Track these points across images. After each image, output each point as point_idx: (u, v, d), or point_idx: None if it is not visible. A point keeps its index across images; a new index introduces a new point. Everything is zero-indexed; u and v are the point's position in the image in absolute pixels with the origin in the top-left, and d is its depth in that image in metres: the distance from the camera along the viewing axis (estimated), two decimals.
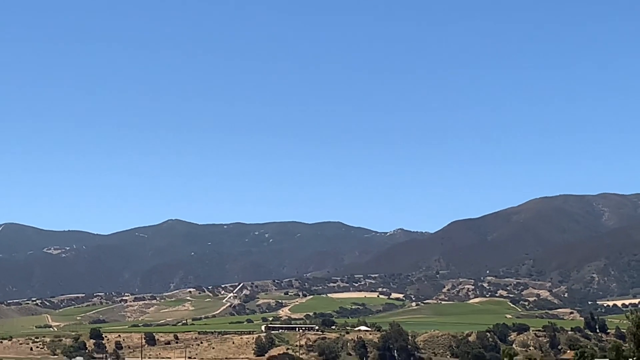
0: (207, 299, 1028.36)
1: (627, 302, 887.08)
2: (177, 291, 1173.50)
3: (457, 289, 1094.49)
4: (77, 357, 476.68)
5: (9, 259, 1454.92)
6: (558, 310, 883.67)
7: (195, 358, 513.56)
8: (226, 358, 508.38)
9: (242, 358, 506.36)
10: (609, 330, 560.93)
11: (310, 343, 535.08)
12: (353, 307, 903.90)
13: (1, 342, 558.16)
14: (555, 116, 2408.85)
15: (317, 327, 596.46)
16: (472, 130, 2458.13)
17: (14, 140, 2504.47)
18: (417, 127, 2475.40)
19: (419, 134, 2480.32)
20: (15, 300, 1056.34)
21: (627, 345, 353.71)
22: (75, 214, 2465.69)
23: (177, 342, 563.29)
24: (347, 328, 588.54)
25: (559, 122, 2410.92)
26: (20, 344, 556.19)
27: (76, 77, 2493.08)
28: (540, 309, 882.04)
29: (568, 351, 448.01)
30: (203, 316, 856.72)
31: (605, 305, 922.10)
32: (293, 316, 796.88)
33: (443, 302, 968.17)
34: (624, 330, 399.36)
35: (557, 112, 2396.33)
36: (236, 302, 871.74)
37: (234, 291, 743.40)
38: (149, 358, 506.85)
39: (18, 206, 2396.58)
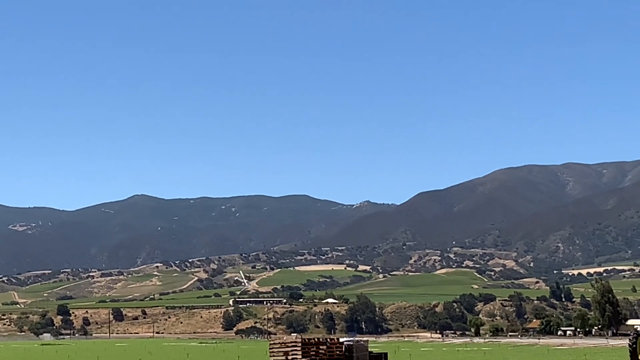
0: (175, 274, 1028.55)
1: (592, 270, 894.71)
2: (144, 266, 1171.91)
3: (424, 260, 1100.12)
4: (45, 334, 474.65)
5: None
6: (524, 279, 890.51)
7: (163, 333, 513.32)
8: (194, 332, 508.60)
9: (211, 332, 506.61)
10: (574, 299, 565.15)
11: (278, 316, 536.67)
12: (320, 279, 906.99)
13: None
14: (518, 87, 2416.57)
15: (284, 301, 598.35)
16: (437, 103, 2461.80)
17: None
18: (382, 100, 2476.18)
19: (384, 106, 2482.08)
20: None
21: (592, 313, 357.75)
22: (41, 190, 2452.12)
23: (144, 317, 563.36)
24: (315, 301, 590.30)
25: (522, 93, 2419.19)
26: None
27: (36, 50, 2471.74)
28: (506, 279, 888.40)
29: (534, 320, 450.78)
30: (171, 291, 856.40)
31: (570, 274, 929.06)
32: (261, 290, 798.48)
33: (410, 274, 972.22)
34: (589, 299, 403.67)
35: (520, 84, 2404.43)
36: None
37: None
38: (117, 333, 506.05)
39: None
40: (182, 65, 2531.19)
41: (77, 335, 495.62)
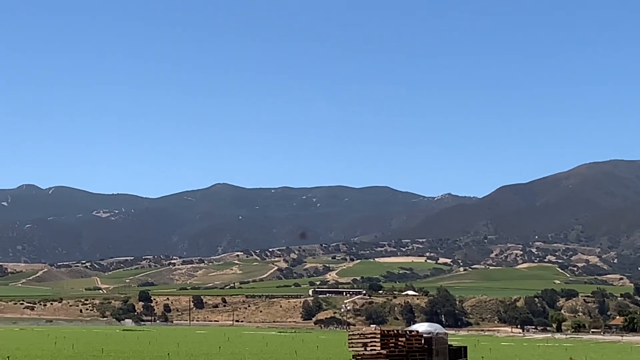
0: (255, 263, 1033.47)
1: None
2: (225, 255, 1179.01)
3: (505, 254, 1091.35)
4: (126, 320, 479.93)
5: (59, 222, 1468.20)
6: (607, 276, 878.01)
7: (243, 321, 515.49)
8: (274, 321, 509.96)
9: (290, 321, 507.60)
10: None
11: (358, 307, 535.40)
12: (400, 271, 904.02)
13: (51, 303, 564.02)
14: (605, 81, 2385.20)
15: (364, 292, 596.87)
16: (520, 95, 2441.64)
17: (63, 105, 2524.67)
18: (467, 94, 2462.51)
19: (468, 100, 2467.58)
20: (65, 263, 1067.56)
21: None
22: (124, 177, 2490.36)
23: (224, 305, 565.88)
24: (395, 293, 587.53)
25: (608, 87, 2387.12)
26: (70, 305, 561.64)
27: (113, 37, 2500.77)
28: (589, 275, 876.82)
29: (617, 317, 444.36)
30: (251, 280, 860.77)
31: None
32: (340, 280, 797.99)
33: (491, 267, 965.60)
34: None
35: (605, 78, 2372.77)
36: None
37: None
38: (197, 321, 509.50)
39: (68, 170, 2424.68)
40: (265, 54, 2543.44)
41: (157, 321, 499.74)
